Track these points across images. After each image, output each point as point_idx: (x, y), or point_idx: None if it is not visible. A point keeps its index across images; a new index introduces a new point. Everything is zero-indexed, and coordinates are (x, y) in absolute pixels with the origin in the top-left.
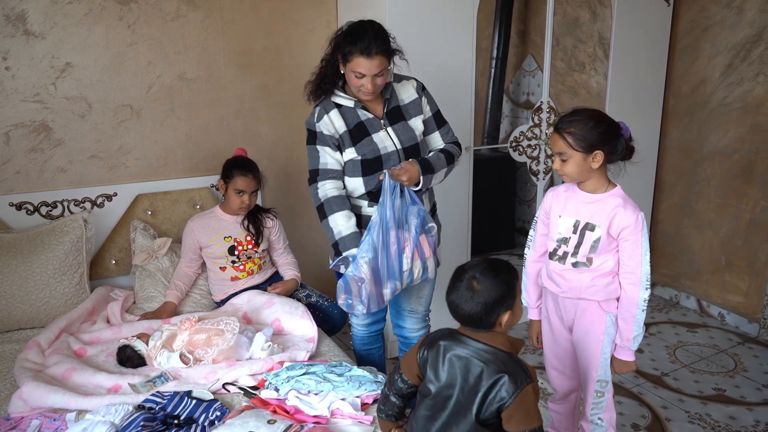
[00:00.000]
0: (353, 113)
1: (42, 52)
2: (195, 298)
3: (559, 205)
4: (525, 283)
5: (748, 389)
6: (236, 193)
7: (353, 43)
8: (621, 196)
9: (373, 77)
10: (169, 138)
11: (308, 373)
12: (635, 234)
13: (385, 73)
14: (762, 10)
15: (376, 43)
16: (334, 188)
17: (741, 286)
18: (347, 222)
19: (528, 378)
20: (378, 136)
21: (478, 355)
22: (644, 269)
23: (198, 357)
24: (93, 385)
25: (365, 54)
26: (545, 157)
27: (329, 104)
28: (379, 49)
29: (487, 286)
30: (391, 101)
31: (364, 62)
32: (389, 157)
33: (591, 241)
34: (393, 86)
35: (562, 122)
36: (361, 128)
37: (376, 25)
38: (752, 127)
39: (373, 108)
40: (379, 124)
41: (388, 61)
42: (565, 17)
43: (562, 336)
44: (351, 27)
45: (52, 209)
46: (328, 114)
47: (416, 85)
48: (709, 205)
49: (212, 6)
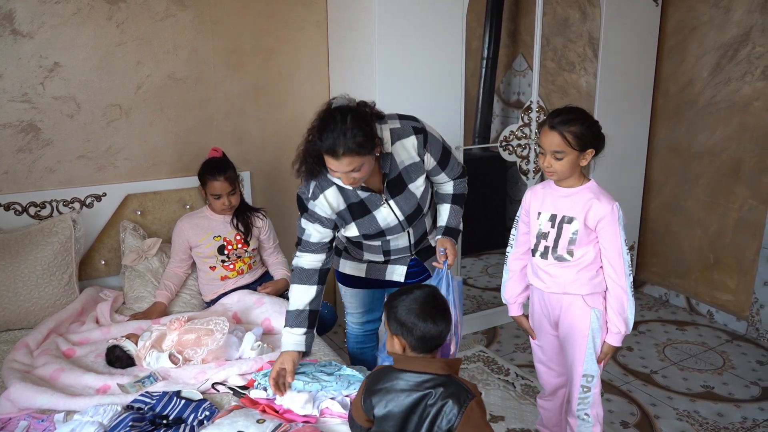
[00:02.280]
0: (351, 191)
1: (30, 52)
2: (185, 298)
3: (538, 202)
4: (506, 280)
5: (736, 386)
6: (214, 198)
7: (320, 138)
8: (595, 188)
9: (347, 174)
10: (159, 138)
11: (298, 372)
12: (612, 224)
13: (365, 166)
14: (749, 10)
15: (344, 141)
16: (307, 261)
17: (729, 284)
18: (300, 297)
19: (470, 394)
20: (380, 213)
21: (418, 387)
22: (625, 258)
23: (187, 357)
24: (81, 385)
25: (331, 154)
26: (535, 156)
27: (326, 182)
28: (347, 150)
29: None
30: (390, 172)
31: (332, 162)
32: (392, 229)
33: (569, 234)
34: (391, 154)
35: (560, 121)
36: (362, 206)
37: (349, 116)
38: (740, 126)
39: (371, 183)
40: (380, 200)
41: (365, 154)
42: (555, 17)
43: (549, 332)
44: (321, 116)
45: (40, 209)
46: (323, 192)
47: (416, 144)
48: (697, 204)
49: (202, 6)
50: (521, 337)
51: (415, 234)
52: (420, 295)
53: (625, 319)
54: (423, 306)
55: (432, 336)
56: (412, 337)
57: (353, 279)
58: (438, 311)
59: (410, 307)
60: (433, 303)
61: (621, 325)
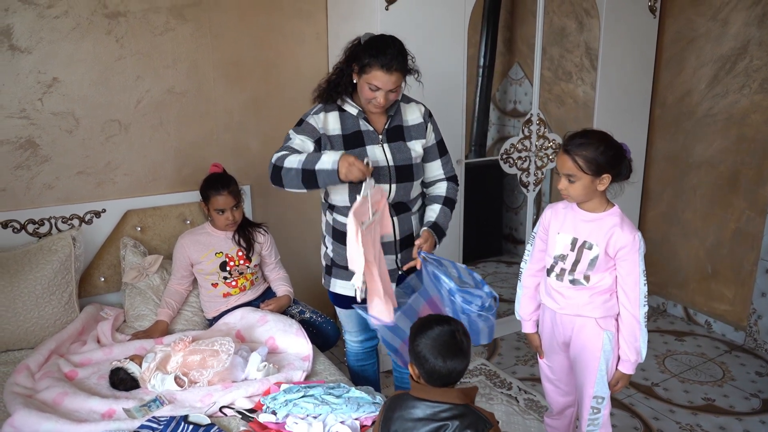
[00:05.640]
0: (354, 121)
1: (28, 68)
2: (186, 315)
3: (558, 222)
4: (520, 295)
5: (737, 399)
6: (218, 213)
7: (374, 56)
8: (618, 215)
9: (387, 92)
10: (158, 152)
11: (306, 395)
12: (632, 254)
13: (399, 90)
14: (746, 23)
15: (397, 59)
16: (288, 152)
17: (727, 295)
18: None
19: (488, 424)
20: (372, 149)
21: (435, 416)
22: (642, 288)
23: (193, 379)
24: (86, 410)
25: (385, 69)
26: (535, 168)
27: (332, 106)
28: (399, 66)
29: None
30: (394, 119)
31: (383, 76)
32: (379, 172)
33: (588, 259)
34: (400, 105)
35: (573, 144)
36: (358, 137)
37: (398, 42)
38: (737, 138)
39: (374, 121)
40: (377, 138)
41: (405, 77)
42: (552, 27)
43: (559, 352)
44: (373, 39)
45: (39, 227)
46: (326, 113)
47: (423, 111)
48: (695, 215)
49: (201, 19)
50: (522, 349)
51: (400, 226)
52: (437, 332)
53: (636, 348)
54: (435, 342)
55: (441, 374)
56: (423, 371)
57: (346, 299)
58: (451, 351)
59: (425, 342)
60: (449, 342)
61: (632, 354)
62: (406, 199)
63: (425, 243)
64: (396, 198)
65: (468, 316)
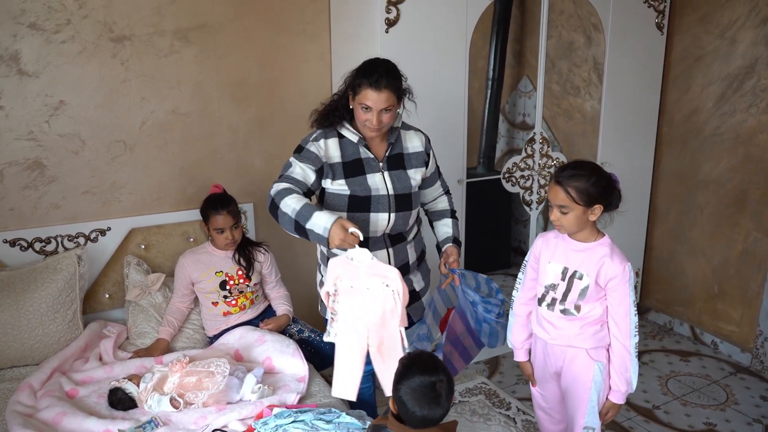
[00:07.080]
0: (354, 148)
1: (36, 91)
2: (188, 333)
3: (549, 252)
4: (512, 324)
5: (739, 423)
6: (217, 233)
7: (364, 76)
8: (608, 245)
9: (379, 112)
10: (163, 172)
11: (296, 421)
12: (623, 284)
13: (392, 111)
14: (754, 42)
15: (386, 77)
16: (288, 185)
17: (734, 315)
18: (298, 200)
19: None
20: (373, 178)
21: None
22: (632, 318)
23: (188, 400)
24: (83, 430)
25: (374, 87)
26: (538, 187)
27: (332, 132)
28: (388, 84)
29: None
30: (395, 147)
31: (372, 94)
32: (379, 200)
33: (579, 289)
34: (400, 132)
35: (564, 176)
36: (358, 165)
37: (390, 63)
38: (745, 158)
39: (375, 149)
40: (377, 166)
41: (396, 99)
42: (560, 41)
43: (551, 381)
44: (365, 62)
45: (45, 245)
46: (326, 140)
47: (424, 140)
48: (702, 233)
49: (206, 41)
50: None
51: (395, 256)
52: (417, 382)
53: (627, 379)
54: (415, 393)
55: (417, 420)
56: (402, 413)
57: None
58: (428, 402)
59: (405, 390)
60: (428, 394)
61: (622, 385)
62: (403, 228)
63: (455, 259)
64: (395, 228)
65: (489, 324)
